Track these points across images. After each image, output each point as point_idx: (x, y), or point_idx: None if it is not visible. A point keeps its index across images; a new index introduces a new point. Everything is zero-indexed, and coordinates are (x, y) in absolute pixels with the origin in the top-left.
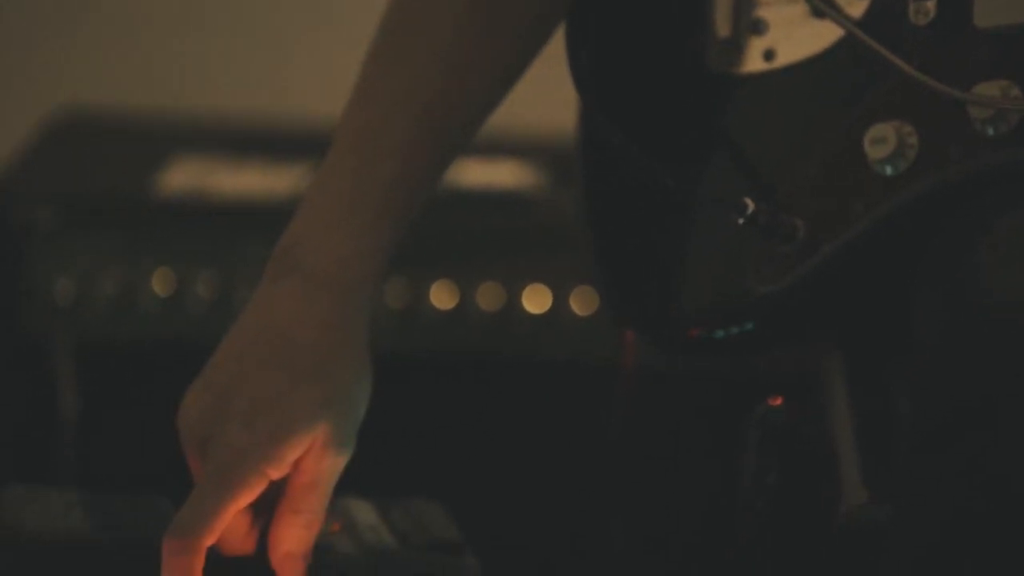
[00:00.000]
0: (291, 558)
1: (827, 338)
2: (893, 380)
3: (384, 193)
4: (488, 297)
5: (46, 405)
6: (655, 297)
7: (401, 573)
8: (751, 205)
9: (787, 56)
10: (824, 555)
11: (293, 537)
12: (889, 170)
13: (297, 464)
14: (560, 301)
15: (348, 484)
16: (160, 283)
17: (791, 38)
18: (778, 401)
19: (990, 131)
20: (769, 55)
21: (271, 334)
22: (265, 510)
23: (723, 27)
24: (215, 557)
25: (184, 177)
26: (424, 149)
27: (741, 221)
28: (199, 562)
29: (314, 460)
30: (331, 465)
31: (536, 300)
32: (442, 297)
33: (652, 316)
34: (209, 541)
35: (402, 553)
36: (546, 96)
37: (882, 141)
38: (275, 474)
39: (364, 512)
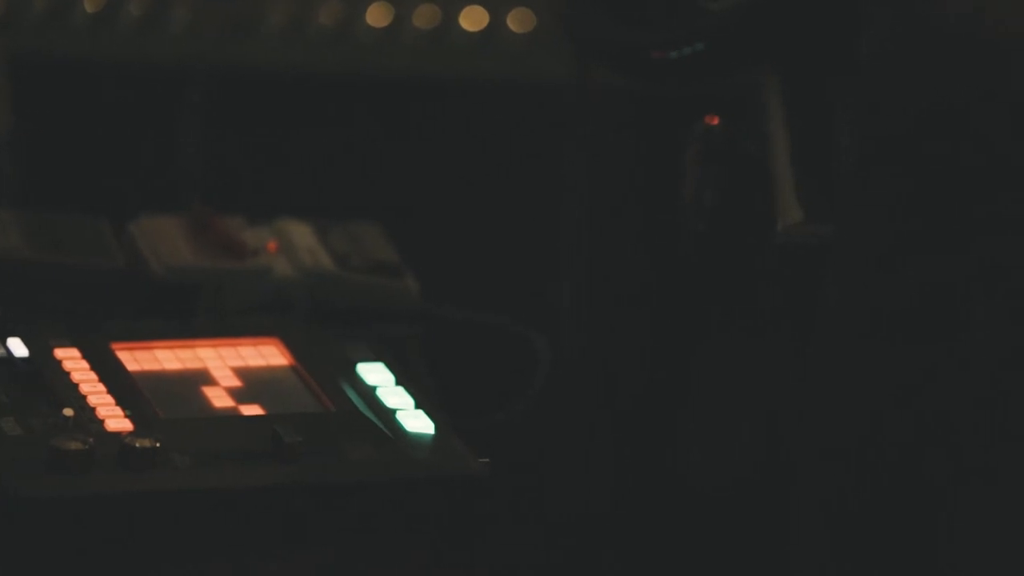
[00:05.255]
0: None
1: (771, 60)
2: (834, 100)
3: None
4: (424, 16)
5: None
6: (619, 20)
7: (339, 294)
8: None
9: None
10: (764, 271)
11: None
12: None
13: None
14: (497, 20)
15: (286, 206)
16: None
17: None
18: (715, 120)
19: None
20: None
21: None
22: None
23: None
24: None
25: None
26: None
27: None
28: None
29: None
30: None
31: (473, 19)
32: (377, 16)
33: (615, 40)
34: None
35: (340, 275)
36: None
37: None
38: None
39: (302, 234)
